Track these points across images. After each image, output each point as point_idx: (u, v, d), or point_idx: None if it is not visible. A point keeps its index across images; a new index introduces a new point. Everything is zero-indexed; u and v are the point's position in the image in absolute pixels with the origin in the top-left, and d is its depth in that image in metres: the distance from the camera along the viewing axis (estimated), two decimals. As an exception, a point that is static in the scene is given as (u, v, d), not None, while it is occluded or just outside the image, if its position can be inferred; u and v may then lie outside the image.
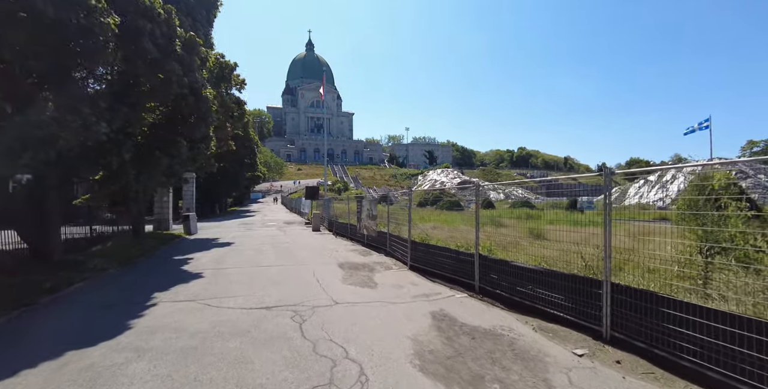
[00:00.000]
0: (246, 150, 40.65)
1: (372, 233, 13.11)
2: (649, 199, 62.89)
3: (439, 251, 7.97)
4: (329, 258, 10.91)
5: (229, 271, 8.87)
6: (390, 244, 11.35)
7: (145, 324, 5.03)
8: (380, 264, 9.87)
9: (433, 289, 7.06)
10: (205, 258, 10.97)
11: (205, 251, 12.49)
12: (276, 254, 11.75)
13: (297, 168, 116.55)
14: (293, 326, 4.91)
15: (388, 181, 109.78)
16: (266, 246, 13.68)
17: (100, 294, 6.89)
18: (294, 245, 13.97)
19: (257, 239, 16.36)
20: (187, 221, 18.95)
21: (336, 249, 12.99)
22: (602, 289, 4.30)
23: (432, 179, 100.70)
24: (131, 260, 10.62)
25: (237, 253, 12.02)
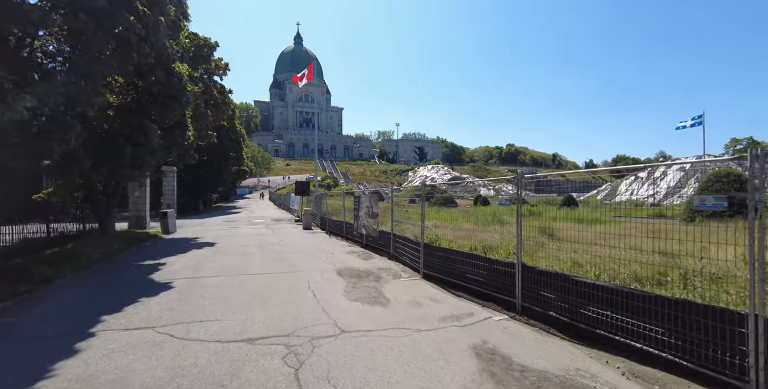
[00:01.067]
0: (231, 143, 38.67)
1: (372, 233, 11.66)
2: (640, 195, 62.96)
3: (462, 258, 6.56)
4: (325, 263, 9.42)
5: (205, 281, 7.31)
6: (395, 246, 9.92)
7: (70, 374, 3.49)
8: (386, 271, 8.43)
9: (460, 308, 5.65)
10: (180, 263, 9.37)
11: (180, 255, 10.86)
12: (263, 257, 10.21)
13: (285, 163, 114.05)
14: (286, 374, 3.44)
15: (378, 177, 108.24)
16: (252, 248, 12.11)
17: (27, 319, 5.28)
18: (284, 247, 12.43)
19: (242, 238, 14.75)
20: (165, 219, 17.19)
21: (332, 251, 11.50)
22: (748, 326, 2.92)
23: (422, 175, 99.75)
24: (89, 265, 8.95)
25: (218, 256, 10.44)
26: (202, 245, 12.87)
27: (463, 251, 6.62)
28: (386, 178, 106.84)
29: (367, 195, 12.70)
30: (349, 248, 12.22)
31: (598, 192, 69.57)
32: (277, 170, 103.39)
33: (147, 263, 9.56)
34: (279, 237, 15.20)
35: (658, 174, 62.80)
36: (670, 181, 64.47)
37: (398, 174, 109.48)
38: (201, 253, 11.15)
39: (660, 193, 61.27)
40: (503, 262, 5.63)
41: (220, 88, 18.04)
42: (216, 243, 13.42)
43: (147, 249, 12.30)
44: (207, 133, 16.94)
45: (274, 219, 25.82)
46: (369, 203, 12.14)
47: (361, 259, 10.11)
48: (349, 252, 11.37)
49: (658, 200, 54.24)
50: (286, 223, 22.77)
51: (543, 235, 5.75)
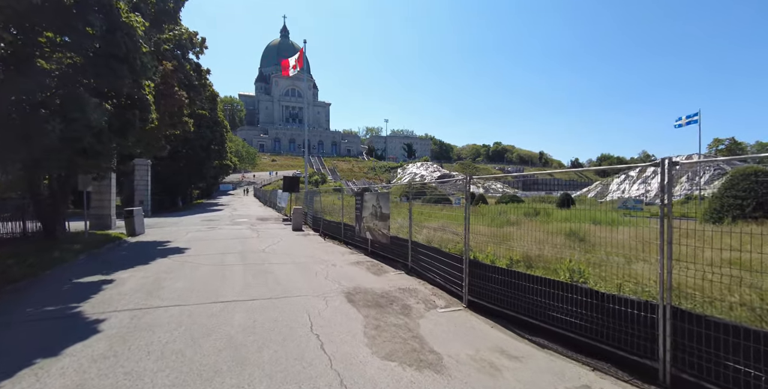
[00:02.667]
0: (213, 134, 35.84)
1: (381, 239, 9.51)
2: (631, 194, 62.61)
3: (542, 286, 4.44)
4: (327, 280, 7.23)
5: (157, 317, 5.03)
6: (415, 257, 7.79)
7: None
8: (411, 294, 6.29)
9: (558, 371, 3.55)
10: (132, 281, 7.03)
11: (139, 267, 8.49)
12: (245, 271, 7.93)
13: (271, 159, 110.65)
14: None
15: (367, 174, 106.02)
16: (232, 256, 9.80)
17: None
18: (271, 255, 10.16)
19: (221, 243, 12.39)
20: (131, 218, 14.68)
21: (331, 261, 9.30)
22: None
23: (412, 173, 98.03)
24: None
25: (186, 270, 8.12)
26: (170, 252, 10.49)
27: (545, 278, 4.51)
28: (375, 175, 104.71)
29: (373, 193, 10.52)
30: (352, 257, 10.04)
31: (588, 191, 69.01)
32: (263, 165, 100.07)
33: (88, 280, 7.17)
34: (265, 241, 12.89)
35: (648, 173, 62.49)
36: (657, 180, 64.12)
37: (387, 171, 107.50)
38: (166, 264, 8.79)
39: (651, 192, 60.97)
40: (631, 301, 3.53)
41: (195, 67, 15.52)
42: (188, 249, 11.05)
43: (98, 258, 9.86)
44: (182, 120, 14.46)
45: (260, 218, 23.38)
46: (376, 202, 9.98)
47: (372, 274, 7.94)
48: (353, 263, 9.19)
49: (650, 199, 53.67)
50: (273, 223, 20.40)
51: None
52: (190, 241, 12.93)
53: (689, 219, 7.01)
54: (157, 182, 31.53)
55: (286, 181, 22.05)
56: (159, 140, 13.54)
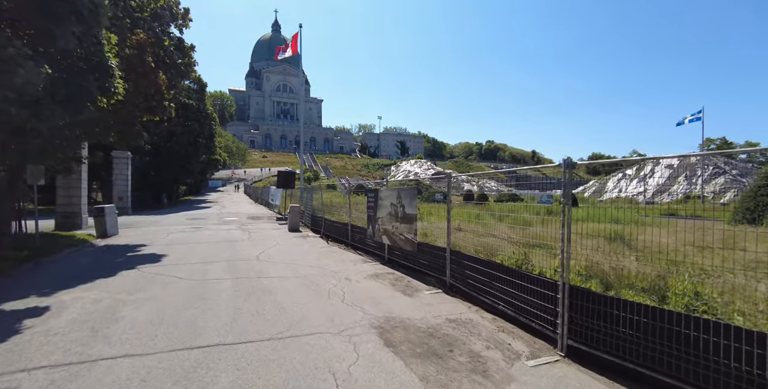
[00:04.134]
0: (201, 127, 33.55)
1: (404, 246, 7.68)
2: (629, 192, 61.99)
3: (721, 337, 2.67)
4: (346, 304, 5.38)
5: (93, 383, 3.15)
6: (458, 272, 5.99)
7: None
8: (469, 330, 4.48)
9: None
10: (76, 309, 5.08)
11: (96, 283, 6.53)
12: (235, 292, 6.03)
13: (262, 155, 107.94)
14: None
15: (360, 171, 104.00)
16: (218, 267, 7.88)
17: None
18: (268, 264, 8.26)
19: (206, 248, 10.43)
20: (101, 217, 12.61)
21: (344, 273, 7.44)
22: None
23: (405, 170, 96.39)
24: None
25: (157, 288, 6.19)
26: (142, 260, 8.52)
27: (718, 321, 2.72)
28: (368, 172, 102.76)
29: (392, 189, 8.67)
30: (367, 267, 8.19)
31: (584, 189, 68.17)
32: (253, 161, 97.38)
33: (12, 306, 5.19)
34: (258, 245, 10.97)
35: (646, 171, 61.84)
36: (658, 178, 63.60)
37: (380, 168, 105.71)
38: (132, 278, 6.84)
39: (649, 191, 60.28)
40: None
41: (177, 43, 13.43)
42: (165, 256, 9.08)
43: (50, 267, 7.84)
44: (162, 104, 12.42)
45: (251, 217, 21.36)
46: (396, 201, 8.15)
47: (401, 293, 6.11)
48: (371, 276, 7.35)
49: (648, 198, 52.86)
50: (266, 222, 18.42)
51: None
52: (169, 245, 10.94)
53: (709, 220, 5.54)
54: (140, 177, 29.24)
55: (280, 177, 20.06)
56: (134, 126, 11.49)
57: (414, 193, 7.60)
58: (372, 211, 9.45)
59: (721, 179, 56.85)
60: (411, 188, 7.83)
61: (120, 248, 10.57)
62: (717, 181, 56.76)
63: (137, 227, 15.75)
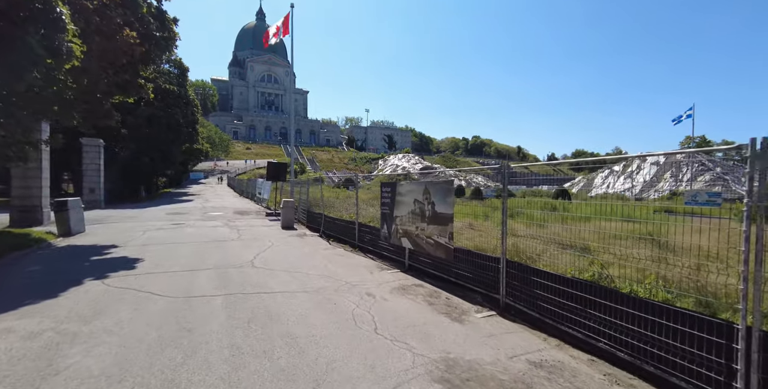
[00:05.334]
0: (183, 114, 31.29)
1: (435, 252, 6.32)
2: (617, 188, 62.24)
3: None
4: (382, 337, 3.98)
5: None
6: (521, 290, 4.67)
7: None
8: (566, 378, 3.16)
9: None
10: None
11: (38, 305, 4.94)
12: (230, 318, 4.55)
13: (245, 147, 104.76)
14: None
15: (347, 164, 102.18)
16: (205, 278, 6.35)
17: None
18: (266, 272, 6.77)
19: (190, 249, 8.84)
20: (64, 213, 10.83)
21: (364, 286, 6.02)
22: None
23: (393, 164, 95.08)
24: None
25: (123, 313, 4.67)
26: (107, 269, 6.91)
27: None
28: (355, 165, 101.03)
29: (417, 183, 7.26)
30: (387, 276, 6.80)
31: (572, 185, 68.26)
32: (237, 153, 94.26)
33: None
34: (251, 246, 9.44)
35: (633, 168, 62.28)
36: (646, 175, 63.92)
37: (368, 162, 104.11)
38: (91, 296, 5.27)
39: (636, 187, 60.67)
40: None
41: (156, 11, 11.59)
42: (138, 262, 7.48)
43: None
44: (138, 81, 10.64)
45: (238, 211, 19.65)
46: (423, 198, 6.76)
47: (446, 316, 4.75)
48: (397, 289, 5.96)
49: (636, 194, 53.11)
50: (255, 218, 16.79)
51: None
52: (145, 246, 9.29)
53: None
54: (115, 167, 27.01)
55: (270, 168, 18.41)
56: (102, 104, 9.72)
57: (450, 188, 6.21)
58: (387, 208, 8.04)
59: (707, 176, 57.33)
60: (445, 181, 6.43)
61: (84, 250, 8.88)
62: (703, 178, 57.26)
63: (109, 224, 13.94)
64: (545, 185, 45.21)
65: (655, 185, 58.90)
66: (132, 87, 10.32)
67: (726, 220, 2.85)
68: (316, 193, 13.96)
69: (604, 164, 61.00)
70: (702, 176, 57.09)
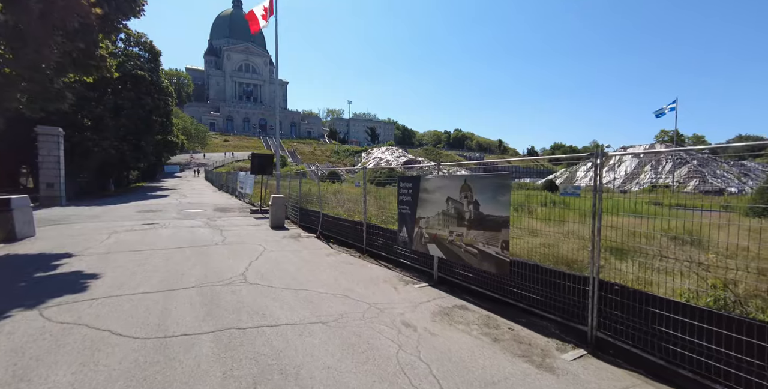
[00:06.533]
0: (156, 103, 28.83)
1: (481, 264, 5.00)
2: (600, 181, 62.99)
3: None
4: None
5: None
6: (620, 321, 3.41)
7: None
8: None
9: None
10: None
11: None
12: (229, 381, 3.15)
13: (223, 139, 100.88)
14: None
15: (330, 157, 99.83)
16: (186, 303, 4.84)
17: None
18: (267, 296, 5.30)
19: (164, 259, 7.24)
20: (6, 213, 8.98)
21: (397, 313, 4.64)
22: None
23: (377, 157, 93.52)
24: None
25: (63, 378, 3.17)
26: (52, 291, 5.30)
27: None
28: (338, 158, 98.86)
29: (451, 178, 5.89)
30: (417, 293, 5.45)
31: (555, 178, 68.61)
32: (214, 145, 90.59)
33: None
34: (240, 253, 7.90)
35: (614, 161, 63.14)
36: (626, 168, 64.90)
37: (351, 155, 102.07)
38: (15, 345, 3.73)
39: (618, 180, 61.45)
40: None
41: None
42: (97, 279, 5.87)
43: None
44: (95, 54, 8.82)
45: (219, 208, 17.87)
46: (461, 195, 5.44)
47: (526, 361, 3.45)
48: (440, 315, 4.62)
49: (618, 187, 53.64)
50: (239, 215, 15.13)
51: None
52: (109, 254, 7.63)
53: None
54: (79, 159, 24.55)
55: (255, 160, 16.71)
56: (50, 83, 7.91)
57: (504, 183, 4.87)
58: (408, 208, 6.68)
59: (685, 169, 58.42)
60: (497, 174, 5.09)
61: (27, 261, 7.16)
62: (681, 171, 58.34)
63: (68, 224, 12.05)
64: (527, 178, 44.79)
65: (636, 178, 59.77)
66: (89, 62, 8.51)
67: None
68: (310, 188, 12.46)
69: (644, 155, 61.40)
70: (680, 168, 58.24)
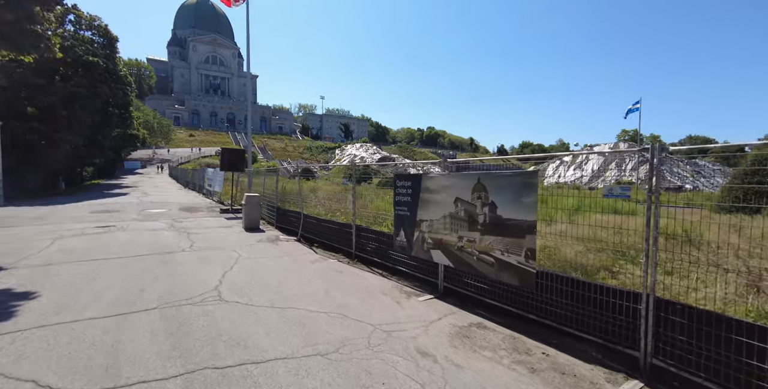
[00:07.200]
0: (114, 93, 26.57)
1: (499, 275, 4.32)
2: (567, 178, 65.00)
3: None
4: None
5: None
6: (684, 349, 2.81)
7: None
8: None
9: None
10: None
11: None
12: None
13: (189, 134, 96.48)
14: None
15: (303, 153, 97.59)
16: (145, 333, 3.84)
17: None
18: (247, 318, 4.39)
19: (119, 270, 6.12)
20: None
21: (410, 337, 3.86)
22: None
23: (351, 154, 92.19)
24: None
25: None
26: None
27: None
28: (311, 155, 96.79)
29: (460, 175, 5.17)
30: (424, 309, 4.71)
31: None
32: (179, 140, 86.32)
33: None
34: (211, 260, 6.89)
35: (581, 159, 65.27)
36: (593, 166, 67.21)
37: (324, 151, 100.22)
38: None
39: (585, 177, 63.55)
40: None
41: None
42: (29, 301, 4.73)
43: None
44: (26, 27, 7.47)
45: (185, 208, 16.46)
46: (473, 196, 4.75)
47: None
48: (458, 337, 3.90)
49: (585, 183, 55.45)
50: (208, 215, 13.88)
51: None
52: (49, 267, 6.41)
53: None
54: (22, 153, 22.19)
55: (225, 156, 15.42)
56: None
57: (529, 182, 4.20)
58: (406, 209, 5.93)
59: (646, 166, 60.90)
60: (520, 172, 4.41)
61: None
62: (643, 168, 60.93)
63: (2, 228, 10.49)
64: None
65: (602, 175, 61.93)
66: (22, 35, 7.17)
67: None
68: (284, 185, 11.46)
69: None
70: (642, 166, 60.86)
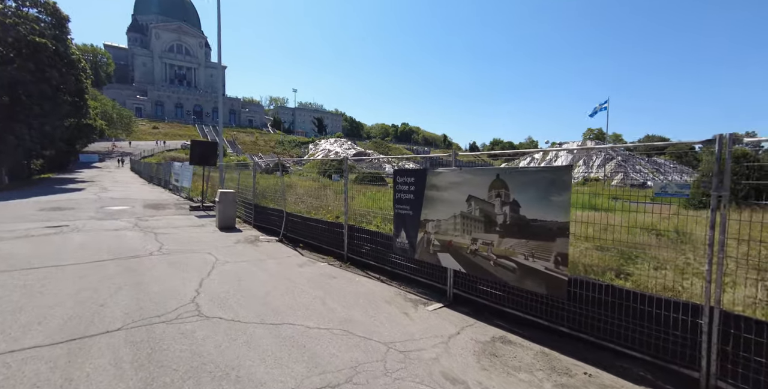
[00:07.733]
0: (65, 79, 24.30)
1: (520, 282, 3.82)
2: (538, 177, 67.12)
3: None
4: None
5: None
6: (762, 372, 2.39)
7: None
8: None
9: None
10: None
11: None
12: None
13: (152, 126, 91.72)
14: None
15: (274, 148, 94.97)
16: (109, 362, 3.03)
17: None
18: (234, 337, 3.63)
19: (73, 282, 5.18)
20: None
21: (428, 355, 3.26)
22: None
23: (325, 149, 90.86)
24: None
25: None
26: None
27: None
28: (283, 149, 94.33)
29: (473, 170, 4.61)
30: (437, 320, 4.13)
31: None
32: (141, 133, 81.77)
33: None
34: (184, 266, 6.03)
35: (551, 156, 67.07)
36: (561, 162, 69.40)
37: (297, 146, 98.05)
38: None
39: (555, 174, 65.89)
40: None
41: None
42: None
43: None
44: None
45: (150, 205, 15.14)
46: (491, 194, 4.23)
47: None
48: (485, 356, 3.35)
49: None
50: (176, 212, 12.75)
51: None
52: (-15, 274, 5.37)
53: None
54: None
55: (196, 149, 14.24)
56: None
57: (562, 178, 3.70)
58: (408, 208, 5.35)
59: (612, 164, 63.63)
60: (550, 168, 3.90)
61: None
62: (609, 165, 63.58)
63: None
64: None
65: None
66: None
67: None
68: (263, 181, 10.59)
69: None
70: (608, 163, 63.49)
